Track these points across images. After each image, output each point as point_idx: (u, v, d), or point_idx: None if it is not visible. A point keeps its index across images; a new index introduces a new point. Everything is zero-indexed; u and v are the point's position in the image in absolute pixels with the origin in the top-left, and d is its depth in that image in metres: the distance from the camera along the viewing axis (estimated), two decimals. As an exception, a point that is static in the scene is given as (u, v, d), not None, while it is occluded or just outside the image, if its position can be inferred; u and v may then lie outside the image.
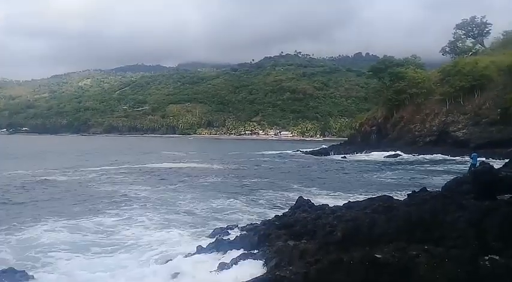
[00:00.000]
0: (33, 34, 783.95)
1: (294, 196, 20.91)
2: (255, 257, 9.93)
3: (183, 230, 15.18)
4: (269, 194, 24.39)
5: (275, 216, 14.79)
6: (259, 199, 22.59)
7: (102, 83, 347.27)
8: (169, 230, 15.19)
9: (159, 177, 32.67)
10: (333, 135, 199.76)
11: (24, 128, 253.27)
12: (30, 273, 9.31)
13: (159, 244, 13.36)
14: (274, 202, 21.74)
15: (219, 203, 21.06)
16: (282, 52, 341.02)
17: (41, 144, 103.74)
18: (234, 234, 13.54)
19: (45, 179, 30.24)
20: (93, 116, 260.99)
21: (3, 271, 8.94)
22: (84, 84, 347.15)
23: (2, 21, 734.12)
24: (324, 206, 14.98)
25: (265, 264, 9.18)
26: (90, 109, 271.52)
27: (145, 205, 20.15)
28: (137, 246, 13.24)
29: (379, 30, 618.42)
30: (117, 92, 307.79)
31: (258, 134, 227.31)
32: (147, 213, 18.03)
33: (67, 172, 35.20)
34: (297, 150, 75.24)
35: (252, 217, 17.49)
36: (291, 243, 10.05)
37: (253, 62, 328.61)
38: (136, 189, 25.48)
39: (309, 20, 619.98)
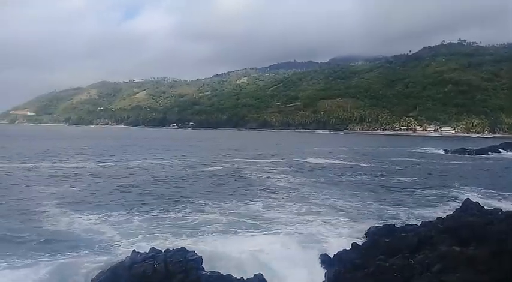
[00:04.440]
0: (199, 38, 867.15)
1: (454, 198, 19.12)
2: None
3: (332, 225, 15.15)
4: (422, 194, 22.87)
5: (437, 218, 13.64)
6: (407, 198, 21.31)
7: (257, 80, 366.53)
8: (316, 222, 15.28)
9: (306, 171, 33.17)
10: (505, 131, 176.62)
11: (190, 123, 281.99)
12: (200, 254, 10.25)
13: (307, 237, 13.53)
14: (429, 203, 20.20)
15: (368, 200, 20.37)
16: (443, 41, 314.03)
17: (211, 139, 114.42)
18: (391, 234, 12.87)
19: (202, 171, 33.28)
20: (249, 112, 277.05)
21: (178, 250, 10.00)
22: (242, 82, 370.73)
23: (176, 27, 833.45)
24: (497, 211, 13.25)
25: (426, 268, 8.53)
26: (247, 105, 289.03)
27: (290, 196, 20.75)
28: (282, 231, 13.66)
29: None
30: (271, 88, 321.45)
31: (415, 129, 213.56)
32: (293, 203, 18.84)
33: (224, 163, 38.14)
34: (460, 148, 68.38)
35: (406, 218, 16.49)
36: (457, 248, 9.16)
37: (410, 54, 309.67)
38: (282, 181, 26.42)
39: (475, 4, 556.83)
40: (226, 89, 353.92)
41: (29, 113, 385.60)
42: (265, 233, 13.83)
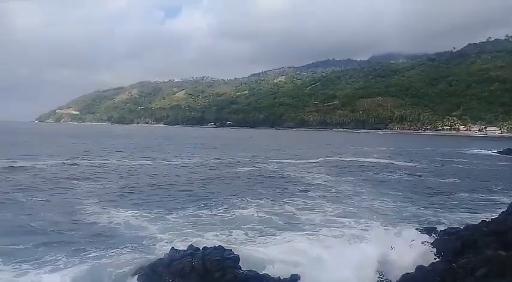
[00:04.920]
0: (238, 37, 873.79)
1: (499, 201, 18.34)
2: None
3: (368, 225, 14.89)
4: (464, 197, 22.12)
5: (481, 221, 13.11)
6: (449, 201, 20.65)
7: (295, 79, 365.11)
8: (353, 223, 15.09)
9: (343, 171, 32.76)
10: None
11: (228, 122, 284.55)
12: (237, 252, 10.32)
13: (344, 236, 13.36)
14: (472, 206, 19.49)
15: (407, 202, 19.89)
16: (489, 37, 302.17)
17: (246, 138, 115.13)
18: (432, 237, 12.48)
19: (239, 170, 33.48)
20: (287, 111, 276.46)
21: (215, 248, 10.11)
22: (279, 81, 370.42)
23: (215, 27, 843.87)
24: (546, 215, 12.58)
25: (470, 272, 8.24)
26: (284, 104, 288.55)
27: (326, 196, 20.60)
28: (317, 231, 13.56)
29: None
30: (309, 87, 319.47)
31: (459, 129, 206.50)
32: (330, 203, 18.76)
33: (261, 163, 38.24)
34: (508, 148, 65.43)
35: (447, 221, 15.97)
36: (503, 253, 8.78)
37: (454, 51, 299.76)
38: (319, 180, 26.25)
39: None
40: (264, 88, 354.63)
41: (73, 112, 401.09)
42: (300, 233, 13.75)
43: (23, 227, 13.77)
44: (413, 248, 11.05)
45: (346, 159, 44.08)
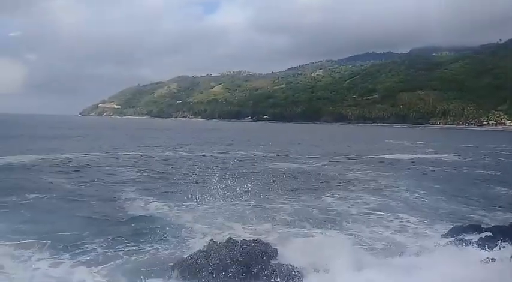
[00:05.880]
0: (275, 31, 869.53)
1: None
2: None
3: (409, 221, 14.43)
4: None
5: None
6: (495, 198, 19.55)
7: (333, 73, 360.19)
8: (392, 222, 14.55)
9: (384, 167, 31.89)
10: None
11: (264, 116, 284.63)
12: (275, 247, 10.16)
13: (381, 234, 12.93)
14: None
15: (449, 199, 18.96)
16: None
17: (286, 133, 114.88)
18: (476, 235, 11.87)
19: (277, 163, 33.31)
20: (324, 105, 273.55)
21: (254, 241, 9.98)
22: (317, 74, 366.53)
23: (252, 21, 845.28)
24: None
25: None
26: (322, 98, 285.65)
27: (364, 192, 20.03)
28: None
29: None
30: (347, 81, 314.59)
31: (505, 124, 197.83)
32: (368, 198, 18.28)
33: (295, 158, 37.89)
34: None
35: (490, 219, 15.17)
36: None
37: (500, 42, 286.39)
38: (358, 177, 25.62)
39: None
40: (301, 81, 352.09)
41: (115, 106, 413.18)
42: (337, 229, 13.38)
43: (66, 214, 14.22)
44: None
45: (386, 154, 43.02)
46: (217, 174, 22.85)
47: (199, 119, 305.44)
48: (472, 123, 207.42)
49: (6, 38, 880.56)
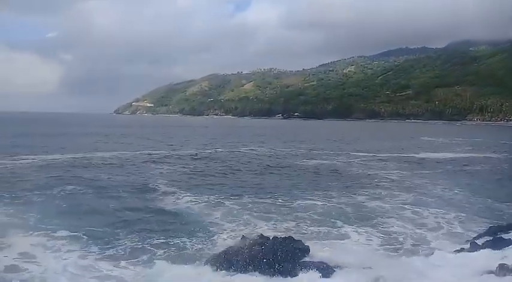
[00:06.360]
0: (306, 27, 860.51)
1: None
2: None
3: (443, 219, 14.11)
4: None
5: None
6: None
7: (365, 69, 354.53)
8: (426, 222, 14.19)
9: (419, 165, 31.05)
10: None
11: (295, 114, 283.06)
12: (306, 244, 10.18)
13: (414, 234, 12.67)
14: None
15: (485, 197, 18.30)
16: None
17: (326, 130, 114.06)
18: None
19: (307, 161, 33.14)
20: (356, 102, 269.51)
21: (285, 238, 10.04)
22: (349, 71, 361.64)
23: (283, 18, 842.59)
24: None
25: None
26: (354, 95, 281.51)
27: (395, 191, 19.53)
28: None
29: None
30: (380, 77, 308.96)
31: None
32: (399, 197, 17.85)
33: (331, 157, 37.56)
34: None
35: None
36: None
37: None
38: (391, 175, 25.10)
39: None
40: (332, 78, 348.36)
41: (148, 105, 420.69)
42: (367, 227, 13.23)
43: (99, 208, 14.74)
44: None
45: (419, 152, 41.99)
46: (249, 171, 22.99)
47: (231, 117, 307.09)
48: (510, 120, 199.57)
49: (44, 39, 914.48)
